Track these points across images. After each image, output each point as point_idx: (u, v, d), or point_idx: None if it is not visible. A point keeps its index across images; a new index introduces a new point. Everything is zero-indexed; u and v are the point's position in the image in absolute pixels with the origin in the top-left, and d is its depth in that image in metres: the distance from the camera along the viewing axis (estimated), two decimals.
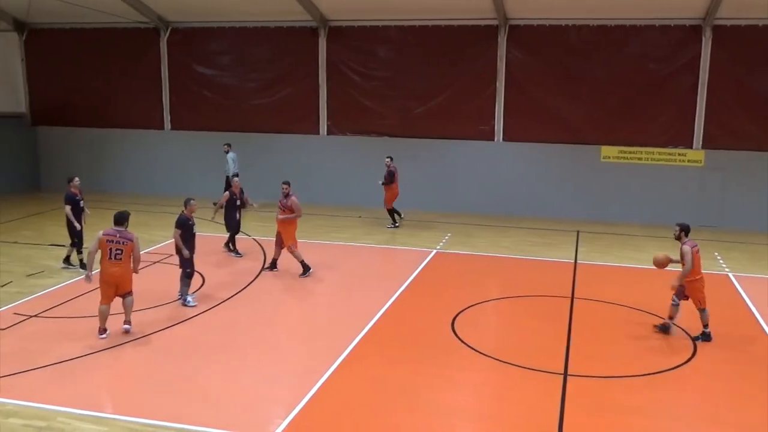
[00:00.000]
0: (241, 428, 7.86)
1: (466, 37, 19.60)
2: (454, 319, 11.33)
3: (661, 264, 10.89)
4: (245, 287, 13.04)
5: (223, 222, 15.15)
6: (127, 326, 10.72)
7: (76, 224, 13.56)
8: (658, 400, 8.75)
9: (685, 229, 10.78)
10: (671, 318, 10.84)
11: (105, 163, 22.29)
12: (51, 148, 23.04)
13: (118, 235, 10.31)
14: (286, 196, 13.77)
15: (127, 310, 10.73)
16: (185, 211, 11.96)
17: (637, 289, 13.12)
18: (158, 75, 21.93)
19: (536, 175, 19.63)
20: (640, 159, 18.98)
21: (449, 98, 20.01)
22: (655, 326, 10.98)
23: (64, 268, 13.83)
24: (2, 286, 12.82)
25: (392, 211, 18.27)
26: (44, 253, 15.20)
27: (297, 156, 20.94)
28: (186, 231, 11.86)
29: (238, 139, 21.16)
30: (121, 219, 10.45)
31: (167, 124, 22.23)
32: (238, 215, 15.03)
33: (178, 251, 11.88)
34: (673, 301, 10.78)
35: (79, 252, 13.87)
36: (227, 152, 20.09)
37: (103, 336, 10.46)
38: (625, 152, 19.07)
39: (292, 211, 13.67)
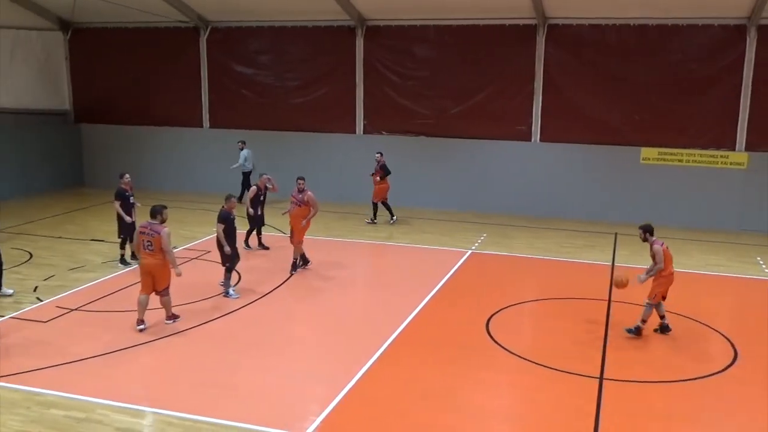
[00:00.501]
0: (276, 424, 7.94)
1: (504, 37, 19.46)
2: (489, 320, 11.27)
3: (621, 285, 10.71)
4: (282, 284, 13.14)
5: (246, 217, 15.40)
6: (168, 321, 10.98)
7: (126, 217, 13.78)
8: (696, 406, 8.60)
9: (648, 230, 10.72)
10: (663, 316, 10.84)
11: (146, 160, 22.60)
12: (93, 145, 23.48)
13: (149, 227, 10.61)
14: (301, 191, 13.84)
15: (166, 308, 10.99)
16: (225, 207, 12.18)
17: (677, 293, 12.84)
18: (197, 74, 22.20)
19: (574, 176, 19.40)
20: (680, 161, 18.65)
21: (486, 98, 19.89)
22: (655, 330, 10.84)
23: (123, 266, 13.97)
24: (45, 279, 13.13)
25: (378, 205, 18.33)
26: (86, 248, 15.51)
27: (333, 154, 21.02)
28: (228, 225, 12.08)
29: (275, 138, 21.34)
30: (153, 212, 10.74)
31: (206, 123, 22.50)
32: (260, 210, 15.24)
33: (220, 246, 12.07)
34: (648, 298, 10.82)
35: (123, 247, 14.11)
36: (242, 149, 20.59)
37: (141, 327, 10.68)
38: (665, 154, 18.75)
39: (308, 205, 13.76)
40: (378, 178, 18.14)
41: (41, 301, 11.99)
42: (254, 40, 21.62)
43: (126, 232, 13.89)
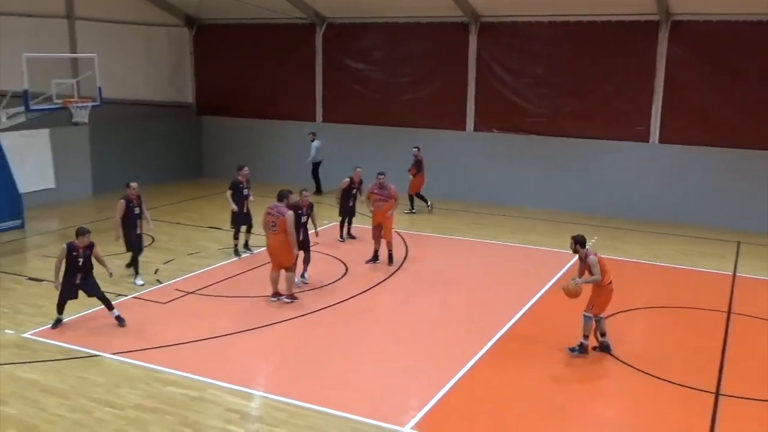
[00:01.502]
0: (377, 416, 8.04)
1: (623, 34, 18.74)
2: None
3: (573, 295, 9.81)
4: (387, 278, 13.27)
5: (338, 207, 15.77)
6: (287, 300, 11.54)
7: (232, 205, 14.13)
8: None
9: (579, 242, 9.91)
10: (603, 334, 9.95)
11: (263, 152, 23.29)
12: (213, 137, 24.48)
13: (274, 209, 11.41)
14: (383, 186, 13.99)
15: (287, 284, 11.58)
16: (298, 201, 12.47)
17: None
18: (312, 69, 22.71)
19: (695, 179, 18.41)
20: None
21: (602, 97, 19.24)
22: (593, 347, 9.95)
23: (236, 257, 14.37)
24: (165, 263, 13.84)
25: (413, 198, 18.94)
26: (203, 235, 16.23)
27: (442, 151, 20.95)
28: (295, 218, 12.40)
29: (386, 134, 21.46)
30: (280, 195, 11.65)
31: (319, 117, 22.99)
32: (351, 203, 15.53)
33: None
34: (587, 310, 9.93)
35: (236, 237, 14.55)
36: (312, 141, 21.26)
37: (273, 299, 11.59)
38: None
39: (395, 200, 14.00)
40: (414, 172, 18.75)
41: (161, 283, 12.67)
42: (368, 36, 21.88)
43: (238, 222, 14.39)
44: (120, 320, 10.60)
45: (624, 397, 8.86)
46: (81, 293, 10.50)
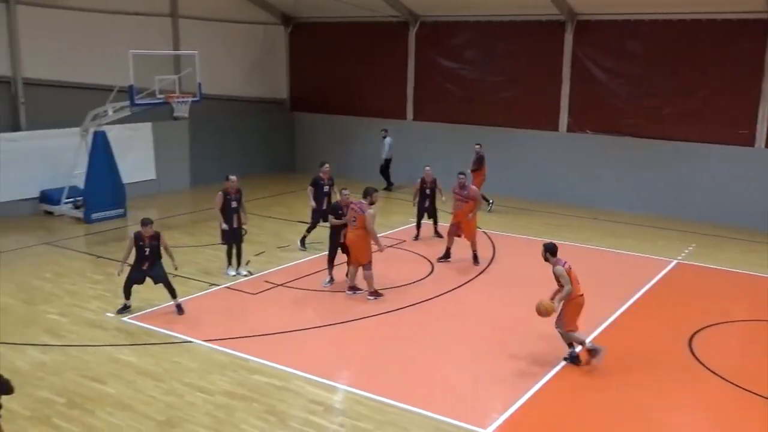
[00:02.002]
0: (458, 417, 8.02)
1: (729, 33, 17.85)
2: (693, 336, 10.50)
3: (544, 313, 9.28)
4: (473, 278, 13.18)
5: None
6: (370, 297, 11.69)
7: (311, 202, 14.41)
8: None
9: (549, 250, 9.40)
10: (582, 343, 9.47)
11: (354, 149, 23.54)
12: (305, 133, 24.95)
13: (358, 205, 11.66)
14: (463, 187, 13.84)
15: (368, 282, 11.73)
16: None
17: None
18: (404, 67, 22.77)
19: None
20: None
21: (703, 99, 18.40)
22: (565, 358, 9.46)
23: (300, 249, 14.70)
24: (256, 255, 14.22)
25: (485, 196, 18.24)
26: (292, 228, 16.56)
27: (534, 152, 20.62)
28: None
29: (478, 133, 21.19)
30: (365, 193, 11.86)
31: (409, 115, 23.04)
32: (427, 203, 15.43)
33: None
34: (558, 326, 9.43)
35: (308, 231, 14.74)
36: (384, 137, 21.40)
37: (349, 293, 11.88)
38: None
39: (474, 200, 13.79)
40: (475, 168, 18.35)
41: (252, 274, 13.03)
42: (461, 34, 21.73)
43: (315, 218, 14.54)
44: (180, 309, 10.99)
45: (721, 413, 8.47)
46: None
